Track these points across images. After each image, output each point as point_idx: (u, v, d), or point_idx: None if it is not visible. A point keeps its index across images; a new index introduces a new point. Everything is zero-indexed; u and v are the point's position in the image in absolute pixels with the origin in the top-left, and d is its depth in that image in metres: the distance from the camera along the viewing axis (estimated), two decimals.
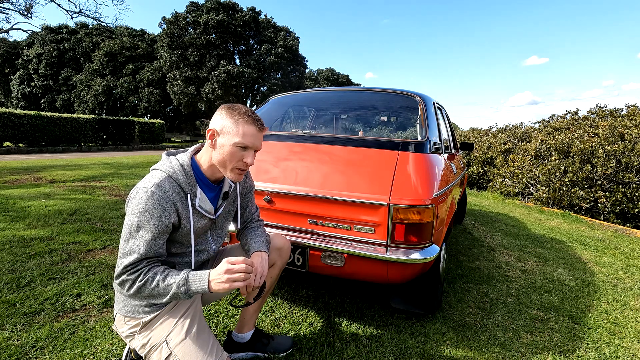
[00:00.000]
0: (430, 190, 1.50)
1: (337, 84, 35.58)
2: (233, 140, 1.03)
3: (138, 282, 0.96)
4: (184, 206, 1.05)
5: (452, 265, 2.61)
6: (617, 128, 5.41)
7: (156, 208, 0.97)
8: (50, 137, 12.37)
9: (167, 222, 0.99)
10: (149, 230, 0.96)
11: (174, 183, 1.03)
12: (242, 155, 1.05)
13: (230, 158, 1.05)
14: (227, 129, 1.04)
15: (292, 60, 25.05)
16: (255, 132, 1.05)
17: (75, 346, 1.41)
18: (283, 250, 1.38)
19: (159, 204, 0.98)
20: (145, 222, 0.96)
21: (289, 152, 1.89)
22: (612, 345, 1.69)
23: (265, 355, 1.43)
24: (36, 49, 27.03)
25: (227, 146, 1.04)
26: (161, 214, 0.98)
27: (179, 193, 1.03)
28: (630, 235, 3.98)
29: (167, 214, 0.99)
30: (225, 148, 1.04)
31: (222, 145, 1.05)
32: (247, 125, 1.04)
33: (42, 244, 2.48)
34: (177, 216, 1.03)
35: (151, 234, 0.97)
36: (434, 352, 1.53)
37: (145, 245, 0.96)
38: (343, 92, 2.69)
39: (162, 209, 0.98)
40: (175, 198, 1.02)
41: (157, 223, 0.97)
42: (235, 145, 1.03)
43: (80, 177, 5.63)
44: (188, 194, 1.05)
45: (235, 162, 1.05)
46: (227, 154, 1.04)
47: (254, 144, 1.05)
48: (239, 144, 1.03)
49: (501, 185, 6.87)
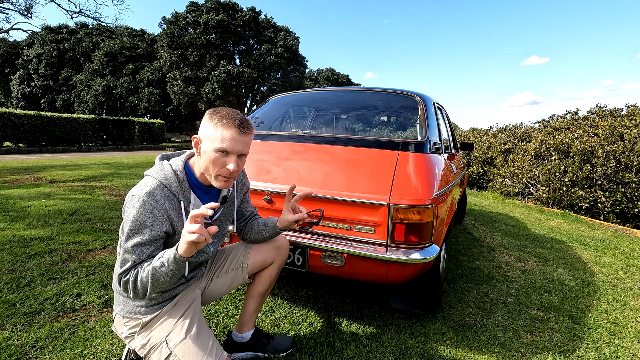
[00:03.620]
0: (430, 190, 1.50)
1: (337, 84, 35.56)
2: (213, 146, 0.99)
3: (131, 283, 0.98)
4: (178, 213, 1.04)
5: (452, 265, 2.61)
6: (616, 128, 5.40)
7: (148, 217, 0.97)
8: (50, 137, 12.37)
9: (159, 231, 0.99)
10: (141, 239, 0.97)
11: (167, 191, 1.02)
12: (223, 162, 1.00)
13: (212, 165, 1.01)
14: (207, 134, 1.01)
15: (292, 60, 25.04)
16: (235, 135, 0.99)
17: (75, 346, 1.41)
18: (282, 249, 1.38)
19: (151, 214, 0.97)
20: (137, 231, 0.97)
21: (289, 152, 1.89)
22: (612, 345, 1.69)
23: (265, 355, 1.43)
24: (36, 49, 27.02)
25: (208, 152, 1.00)
26: (153, 224, 0.98)
27: (172, 201, 1.02)
28: (630, 235, 3.98)
29: (159, 223, 0.99)
30: (208, 154, 1.00)
31: (204, 152, 1.02)
32: (226, 128, 0.98)
33: (42, 244, 2.48)
34: (171, 225, 1.03)
35: (142, 241, 0.97)
36: (434, 352, 1.53)
37: (137, 251, 0.97)
38: (343, 92, 2.69)
39: (154, 219, 0.98)
40: (168, 206, 1.01)
41: (150, 232, 0.98)
42: (215, 150, 0.99)
43: (80, 177, 5.63)
44: (181, 201, 1.04)
45: (218, 168, 1.01)
46: (209, 160, 1.00)
47: (234, 148, 0.99)
48: (218, 149, 0.99)
49: (501, 185, 6.87)
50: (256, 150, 1.94)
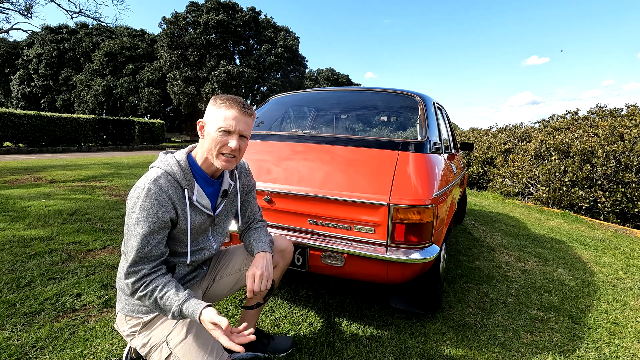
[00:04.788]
0: (430, 190, 1.50)
1: (337, 84, 35.56)
2: (216, 126, 1.05)
3: (140, 292, 0.98)
4: (181, 201, 1.05)
5: (452, 265, 2.61)
6: (616, 128, 5.40)
7: (153, 204, 0.98)
8: (50, 137, 12.37)
9: (164, 218, 1.00)
10: (147, 226, 0.97)
11: (171, 179, 1.04)
12: (225, 140, 1.05)
13: (215, 144, 1.05)
14: (211, 117, 1.07)
15: (292, 60, 25.05)
16: (237, 114, 1.05)
17: (75, 346, 1.41)
18: (286, 252, 1.37)
19: (156, 200, 0.98)
20: (143, 219, 0.97)
21: (289, 152, 1.89)
22: (612, 345, 1.69)
23: (265, 355, 1.43)
24: (36, 49, 27.03)
25: (212, 133, 1.05)
26: (158, 210, 0.98)
27: (176, 188, 1.04)
28: (630, 235, 3.98)
29: (164, 209, 0.99)
30: (211, 135, 1.06)
31: (208, 133, 1.07)
32: (228, 109, 1.05)
33: (42, 244, 2.48)
34: (175, 211, 1.03)
35: (148, 229, 0.97)
36: (434, 352, 1.53)
37: (142, 241, 0.97)
38: (343, 92, 2.69)
39: (158, 205, 0.98)
40: (172, 193, 1.02)
41: (155, 219, 0.98)
42: (218, 130, 1.04)
43: (80, 177, 5.63)
44: (185, 189, 1.06)
45: (220, 146, 1.05)
46: (213, 140, 1.05)
47: (236, 127, 1.05)
48: (221, 128, 1.04)
49: (501, 185, 6.87)
50: (256, 150, 1.94)
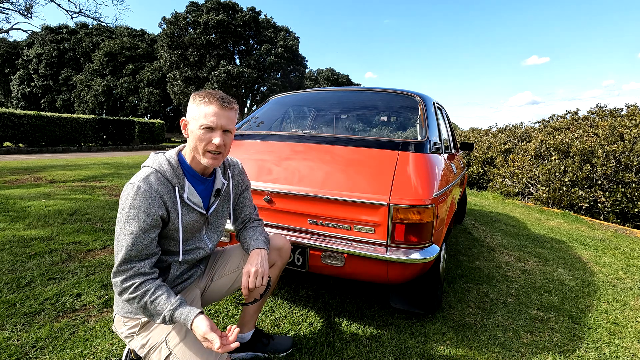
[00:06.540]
0: (430, 190, 1.50)
1: (337, 84, 35.57)
2: (198, 124, 1.04)
3: (129, 294, 0.96)
4: (172, 199, 1.05)
5: (452, 265, 2.61)
6: (616, 128, 5.40)
7: (143, 202, 0.98)
8: (50, 137, 12.36)
9: (154, 216, 0.99)
10: (137, 224, 0.97)
11: (161, 177, 1.04)
12: (209, 137, 1.05)
13: (200, 142, 1.05)
14: (192, 115, 1.07)
15: (292, 60, 25.04)
16: (217, 110, 1.04)
17: (75, 346, 1.41)
18: (283, 250, 1.37)
19: (146, 198, 0.98)
20: (133, 217, 0.97)
21: (289, 152, 1.89)
22: (612, 345, 1.69)
23: (265, 355, 1.43)
24: (36, 49, 27.04)
25: (195, 131, 1.05)
26: (148, 207, 0.98)
27: (166, 186, 1.04)
28: (630, 235, 3.98)
29: (154, 207, 0.99)
30: (195, 133, 1.05)
31: (192, 132, 1.07)
32: (208, 105, 1.04)
33: (42, 244, 2.48)
34: (166, 209, 1.03)
35: (139, 227, 0.97)
36: (434, 352, 1.53)
37: (134, 239, 0.96)
38: (343, 92, 2.69)
39: (149, 203, 0.98)
40: (163, 191, 1.02)
41: (145, 217, 0.98)
42: (200, 127, 1.04)
43: (80, 177, 5.63)
44: (176, 186, 1.06)
45: (204, 144, 1.05)
46: (197, 138, 1.05)
47: (217, 123, 1.04)
48: (202, 125, 1.04)
49: (501, 185, 6.87)
50: (256, 150, 1.94)
